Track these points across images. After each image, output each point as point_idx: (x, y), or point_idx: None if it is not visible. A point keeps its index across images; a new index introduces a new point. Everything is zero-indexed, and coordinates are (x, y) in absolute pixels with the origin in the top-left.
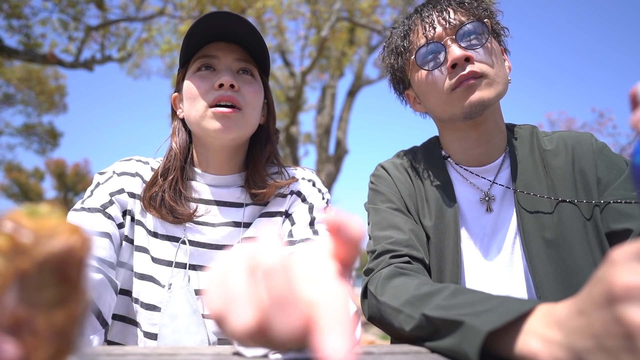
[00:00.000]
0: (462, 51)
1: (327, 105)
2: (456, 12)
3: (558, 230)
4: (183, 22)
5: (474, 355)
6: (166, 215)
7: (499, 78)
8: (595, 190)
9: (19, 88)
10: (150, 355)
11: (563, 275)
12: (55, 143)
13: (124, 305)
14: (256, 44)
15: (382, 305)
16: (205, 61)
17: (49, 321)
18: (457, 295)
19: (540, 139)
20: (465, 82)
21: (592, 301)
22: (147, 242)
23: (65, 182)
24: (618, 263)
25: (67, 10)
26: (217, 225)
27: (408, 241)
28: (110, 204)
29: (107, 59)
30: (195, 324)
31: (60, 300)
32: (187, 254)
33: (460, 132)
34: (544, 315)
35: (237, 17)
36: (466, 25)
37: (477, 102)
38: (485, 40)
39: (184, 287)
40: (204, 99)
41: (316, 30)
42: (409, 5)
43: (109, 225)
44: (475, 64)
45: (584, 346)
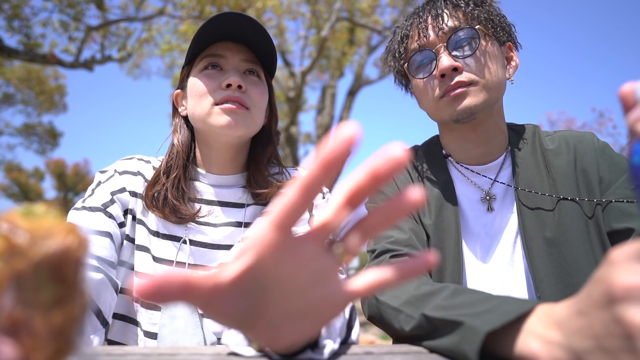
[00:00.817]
0: (450, 61)
1: (327, 105)
2: (451, 16)
3: (559, 229)
4: (183, 22)
5: (473, 356)
6: (169, 215)
7: (490, 84)
8: (597, 189)
9: (19, 88)
10: (151, 355)
11: (564, 275)
12: (55, 143)
13: (124, 305)
14: (264, 46)
15: (382, 305)
16: (212, 60)
17: (47, 322)
18: (457, 295)
19: (542, 139)
20: (452, 92)
21: (592, 301)
22: (149, 242)
23: (65, 182)
24: (617, 263)
25: (67, 10)
26: (218, 225)
27: (408, 240)
28: (112, 203)
29: (107, 59)
30: (193, 324)
31: (57, 301)
32: (188, 253)
33: (459, 133)
34: (543, 316)
35: (248, 18)
36: (457, 32)
37: (464, 109)
38: (475, 48)
39: None
40: (211, 97)
41: (316, 30)
42: (409, 6)
43: (109, 225)
44: (464, 73)
45: (583, 347)
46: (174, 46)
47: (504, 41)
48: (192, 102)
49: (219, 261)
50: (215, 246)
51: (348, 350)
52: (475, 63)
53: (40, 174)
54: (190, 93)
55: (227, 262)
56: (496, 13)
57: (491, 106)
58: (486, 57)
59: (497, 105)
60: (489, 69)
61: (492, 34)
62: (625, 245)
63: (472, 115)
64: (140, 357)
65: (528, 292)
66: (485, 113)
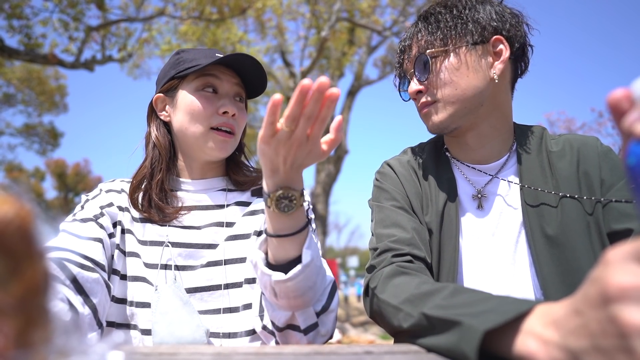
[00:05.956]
0: (415, 86)
1: None
2: (416, 43)
3: (560, 228)
4: (183, 22)
5: (472, 355)
6: (154, 215)
7: (452, 98)
8: (599, 191)
9: (19, 88)
10: (151, 355)
11: (566, 273)
12: (55, 143)
13: (120, 313)
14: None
15: (382, 303)
16: (209, 81)
17: (5, 295)
18: (457, 295)
19: (547, 141)
20: (422, 112)
21: (588, 301)
22: (138, 249)
23: (65, 182)
24: (612, 263)
25: (67, 10)
26: (202, 227)
27: (410, 240)
28: (102, 215)
29: (108, 59)
30: (187, 312)
31: (10, 273)
32: (175, 255)
33: (455, 138)
34: (541, 316)
35: (252, 60)
36: (417, 58)
37: (434, 126)
38: (428, 71)
39: (171, 286)
40: (208, 121)
41: (316, 31)
42: (409, 6)
43: (101, 233)
44: (428, 91)
45: (580, 346)
46: (174, 46)
47: (487, 39)
48: (185, 118)
49: (205, 259)
50: (200, 245)
51: (348, 350)
52: (436, 82)
53: (41, 174)
54: (182, 108)
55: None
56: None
57: (465, 115)
58: (447, 73)
59: (483, 110)
60: (452, 84)
61: (467, 41)
62: (621, 245)
63: (445, 129)
64: (141, 357)
65: (532, 290)
66: (468, 120)
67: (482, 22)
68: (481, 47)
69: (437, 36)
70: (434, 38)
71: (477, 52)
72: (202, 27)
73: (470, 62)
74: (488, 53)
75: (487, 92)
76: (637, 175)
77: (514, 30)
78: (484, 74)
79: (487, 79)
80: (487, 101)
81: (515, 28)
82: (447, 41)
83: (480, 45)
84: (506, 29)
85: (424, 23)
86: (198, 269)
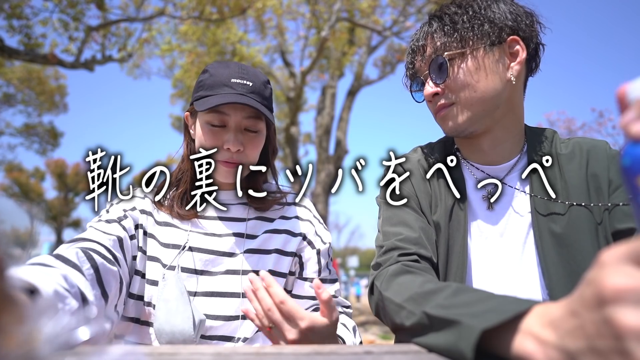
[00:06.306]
0: (431, 89)
1: (327, 105)
2: (430, 44)
3: (567, 229)
4: (183, 22)
5: (469, 353)
6: (175, 214)
7: (471, 100)
8: (607, 192)
9: (19, 88)
10: (151, 355)
11: (573, 274)
12: (55, 143)
13: (137, 309)
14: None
15: (385, 301)
16: (218, 118)
17: None
18: (458, 294)
19: (557, 144)
20: (438, 114)
21: (583, 303)
22: (159, 253)
23: (65, 182)
24: (607, 265)
25: (67, 10)
26: (223, 235)
27: (417, 239)
28: (125, 218)
29: (108, 59)
30: (182, 303)
31: None
32: (194, 260)
33: (467, 141)
34: (539, 316)
35: (255, 102)
36: (433, 60)
37: (452, 128)
38: (446, 74)
39: (175, 275)
40: (214, 154)
41: (316, 31)
42: (409, 6)
43: (123, 232)
44: (446, 94)
45: (576, 347)
46: (174, 46)
47: (503, 40)
48: (198, 144)
49: (224, 266)
50: (220, 253)
51: (348, 350)
52: (454, 84)
53: (41, 174)
54: (197, 134)
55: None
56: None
57: (483, 118)
58: (464, 76)
59: (499, 112)
60: (470, 86)
61: (484, 43)
62: (616, 247)
63: (462, 132)
64: (141, 357)
65: (538, 291)
66: (485, 124)
67: (498, 22)
68: (498, 48)
69: (454, 38)
70: (451, 40)
71: (494, 54)
72: (202, 27)
73: (487, 64)
74: (505, 54)
75: (504, 93)
76: (631, 176)
77: (529, 30)
78: (501, 76)
79: (504, 81)
80: (503, 103)
81: (530, 28)
82: (465, 43)
83: (497, 46)
84: (522, 29)
85: (439, 23)
86: (216, 275)
